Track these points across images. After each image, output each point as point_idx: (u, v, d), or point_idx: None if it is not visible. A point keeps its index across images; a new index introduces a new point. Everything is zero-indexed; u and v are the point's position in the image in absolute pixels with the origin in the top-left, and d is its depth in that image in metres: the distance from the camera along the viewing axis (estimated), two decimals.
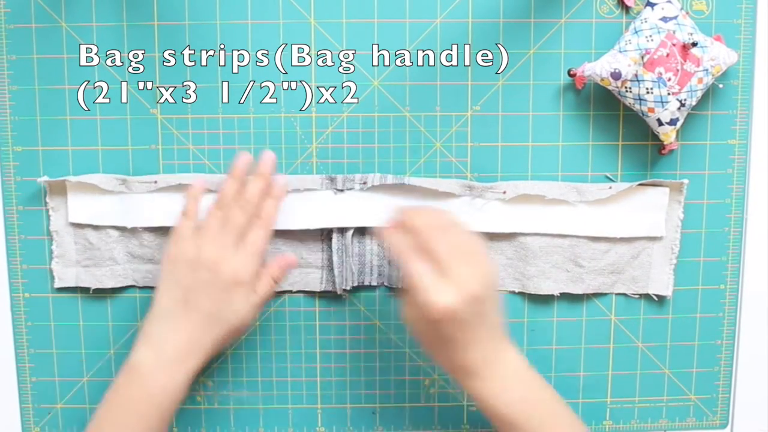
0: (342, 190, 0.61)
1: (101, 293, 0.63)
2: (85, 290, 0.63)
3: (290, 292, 0.63)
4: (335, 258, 0.61)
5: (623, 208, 0.62)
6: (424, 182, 0.61)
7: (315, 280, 0.62)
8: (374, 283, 0.63)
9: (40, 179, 0.61)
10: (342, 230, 0.61)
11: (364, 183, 0.61)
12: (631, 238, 0.62)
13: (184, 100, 0.61)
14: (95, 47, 0.60)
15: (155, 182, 0.61)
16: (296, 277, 0.62)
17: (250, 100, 0.61)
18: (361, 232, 0.62)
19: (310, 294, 0.64)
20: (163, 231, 0.61)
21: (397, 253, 0.52)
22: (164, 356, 0.53)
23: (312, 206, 0.61)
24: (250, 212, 0.56)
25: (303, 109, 0.61)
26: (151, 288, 0.63)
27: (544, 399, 0.54)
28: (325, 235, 0.62)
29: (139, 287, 0.63)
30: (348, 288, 0.62)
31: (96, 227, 0.62)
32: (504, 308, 0.56)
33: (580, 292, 0.63)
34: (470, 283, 0.50)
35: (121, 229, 0.62)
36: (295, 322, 0.64)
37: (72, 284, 0.63)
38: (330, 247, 0.61)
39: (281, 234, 0.62)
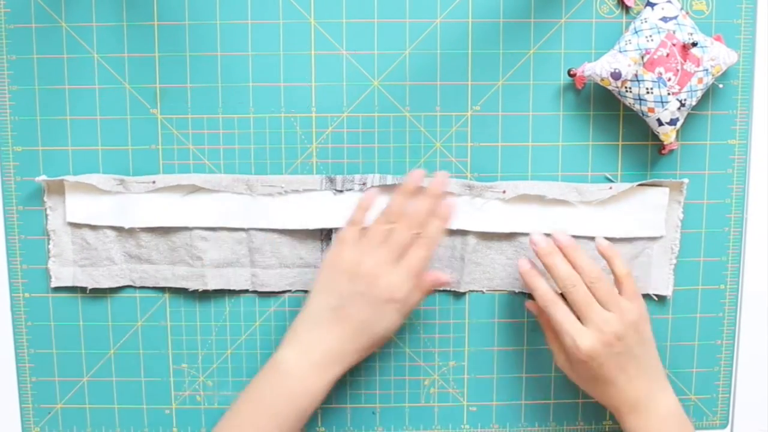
0: (341, 191, 0.61)
1: (101, 293, 0.63)
2: (84, 290, 0.63)
3: (290, 291, 0.63)
4: None
5: (623, 208, 0.62)
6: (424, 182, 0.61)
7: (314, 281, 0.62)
8: None
9: (39, 178, 0.61)
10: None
11: (364, 184, 0.61)
12: (631, 238, 0.62)
13: (184, 100, 0.61)
14: (95, 47, 0.60)
15: (153, 182, 0.61)
16: (295, 277, 0.62)
17: (250, 100, 0.61)
18: None
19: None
20: (160, 231, 0.61)
21: (542, 300, 0.57)
22: (311, 360, 0.55)
23: (311, 206, 0.61)
24: (414, 230, 0.56)
25: (303, 109, 0.61)
26: (149, 288, 0.63)
27: None
28: (324, 235, 0.62)
29: (137, 287, 0.63)
30: None
31: (93, 227, 0.62)
32: (654, 342, 0.58)
33: None
34: (611, 329, 0.55)
35: (119, 229, 0.62)
36: None
37: (69, 284, 0.63)
38: (329, 246, 0.61)
39: (281, 234, 0.62)
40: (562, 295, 0.57)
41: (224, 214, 0.61)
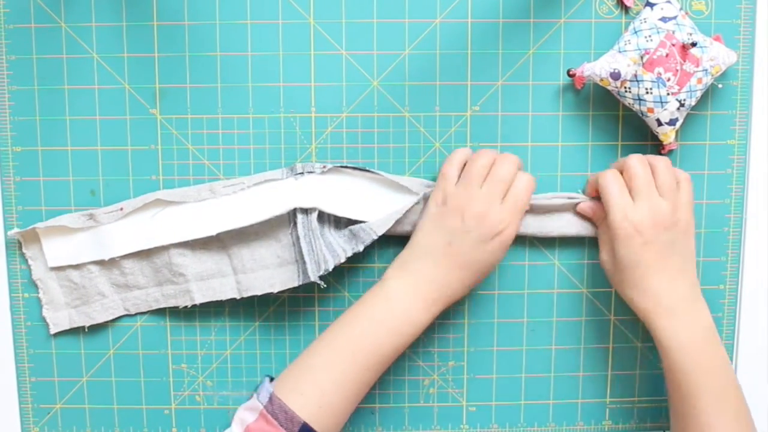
0: (302, 173, 0.61)
1: None
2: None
3: (290, 292, 0.63)
4: (303, 244, 0.59)
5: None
6: (386, 175, 0.61)
7: (292, 278, 0.61)
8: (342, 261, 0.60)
9: (11, 233, 0.61)
10: (306, 213, 0.60)
11: (324, 167, 0.61)
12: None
13: (184, 100, 0.61)
14: (95, 47, 0.61)
15: (121, 209, 0.61)
16: (275, 278, 0.61)
17: (250, 100, 0.61)
18: (325, 219, 0.61)
19: (310, 294, 0.63)
20: (140, 255, 0.61)
21: (602, 177, 0.57)
22: (418, 291, 0.56)
23: (275, 195, 0.61)
24: (514, 167, 0.57)
25: (302, 109, 0.61)
26: (144, 313, 0.63)
27: (714, 361, 0.56)
28: (293, 227, 0.61)
29: (133, 315, 0.63)
30: (322, 273, 0.58)
31: (76, 266, 0.62)
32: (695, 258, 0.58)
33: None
34: (662, 210, 0.55)
35: (100, 262, 0.61)
36: (295, 322, 0.64)
37: (66, 327, 0.63)
38: (298, 234, 0.60)
39: (256, 235, 0.61)
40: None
41: (195, 223, 0.60)
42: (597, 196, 0.60)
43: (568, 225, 0.62)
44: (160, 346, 0.64)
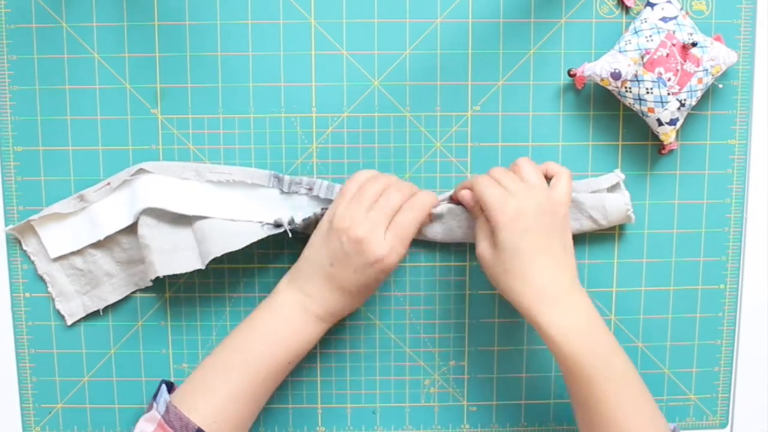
0: (288, 193, 0.61)
1: None
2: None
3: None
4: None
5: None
6: None
7: (258, 233, 0.59)
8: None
9: (8, 229, 0.61)
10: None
11: (310, 189, 0.61)
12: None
13: (185, 100, 0.61)
14: (96, 47, 0.61)
15: (108, 184, 0.61)
16: (239, 237, 0.59)
17: (251, 100, 0.61)
18: None
19: None
20: (134, 228, 0.60)
21: (475, 182, 0.56)
22: (303, 306, 0.57)
23: (256, 201, 0.61)
24: (406, 196, 0.57)
25: (303, 109, 0.62)
26: (138, 290, 0.63)
27: (604, 341, 0.55)
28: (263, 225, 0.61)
29: (142, 289, 0.63)
30: (291, 226, 0.59)
31: (78, 253, 0.62)
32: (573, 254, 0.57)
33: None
34: (539, 195, 0.55)
35: (99, 245, 0.61)
36: None
37: (81, 315, 0.63)
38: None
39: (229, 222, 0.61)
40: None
41: (172, 196, 0.60)
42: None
43: (452, 231, 0.62)
44: (161, 346, 0.64)
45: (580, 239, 0.63)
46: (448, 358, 0.65)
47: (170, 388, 0.60)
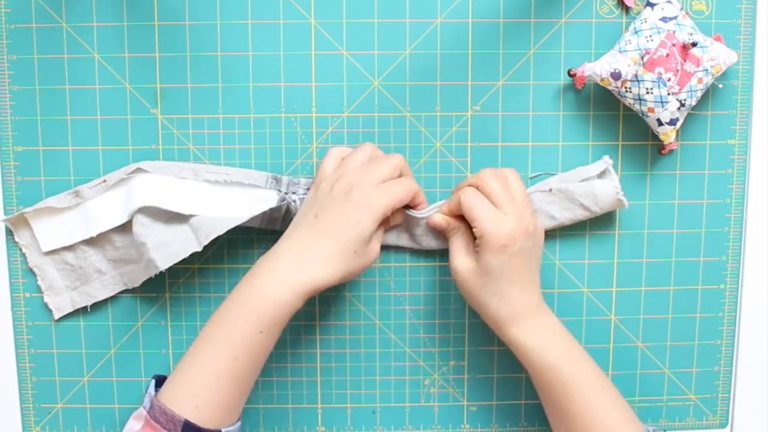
0: (286, 194, 0.61)
1: None
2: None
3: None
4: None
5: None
6: None
7: (261, 206, 0.60)
8: None
9: (1, 219, 0.61)
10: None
11: (308, 189, 0.61)
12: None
13: (185, 100, 0.61)
14: (96, 47, 0.61)
15: (104, 181, 0.60)
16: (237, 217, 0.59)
17: (251, 100, 0.61)
18: None
19: None
20: (128, 228, 0.60)
21: (465, 196, 0.56)
22: (280, 270, 0.54)
23: (254, 202, 0.60)
24: (395, 167, 0.57)
25: (303, 109, 0.62)
26: (139, 290, 0.63)
27: (577, 352, 0.58)
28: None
29: (131, 289, 0.63)
30: (292, 198, 0.59)
31: (70, 248, 0.61)
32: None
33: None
34: (528, 221, 0.56)
35: (91, 241, 0.61)
36: (295, 322, 0.64)
37: (69, 310, 0.62)
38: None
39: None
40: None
41: (169, 195, 0.59)
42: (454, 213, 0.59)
43: (418, 237, 0.62)
44: (161, 346, 0.64)
45: (580, 239, 0.63)
46: (448, 358, 0.65)
47: (158, 383, 0.58)
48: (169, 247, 0.58)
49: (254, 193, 0.61)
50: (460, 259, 0.57)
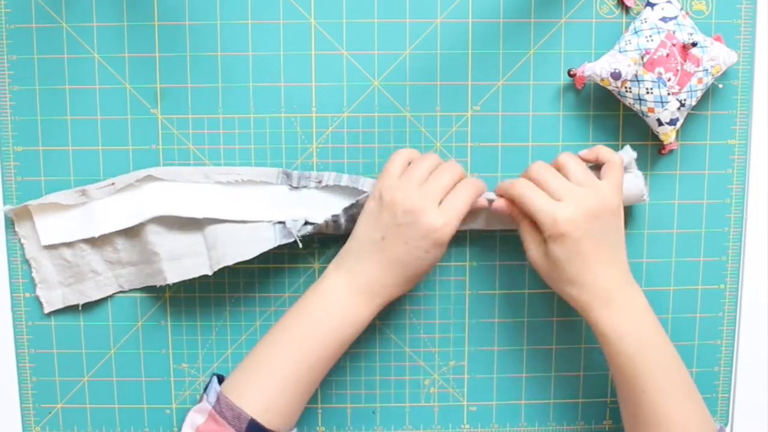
0: (297, 188, 0.61)
1: None
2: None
3: (292, 291, 0.63)
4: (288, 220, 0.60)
5: None
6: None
7: (268, 241, 0.59)
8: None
9: (4, 208, 0.61)
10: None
11: (319, 182, 0.61)
12: None
13: (185, 100, 0.61)
14: (96, 47, 0.61)
15: (113, 184, 0.60)
16: (248, 246, 0.59)
17: (251, 100, 0.61)
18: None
19: None
20: (131, 232, 0.61)
21: (517, 188, 0.56)
22: (354, 288, 0.56)
23: (267, 199, 0.61)
24: (456, 176, 0.57)
25: (303, 109, 0.62)
26: (138, 290, 0.63)
27: (656, 341, 0.56)
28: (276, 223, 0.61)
29: (126, 291, 0.63)
30: (301, 233, 0.59)
31: (69, 244, 0.61)
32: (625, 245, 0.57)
33: None
34: (588, 200, 0.54)
35: (91, 241, 0.61)
36: None
37: (60, 306, 0.62)
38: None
39: (240, 224, 0.61)
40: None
41: (182, 202, 0.60)
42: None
43: (480, 221, 0.62)
44: (161, 346, 0.64)
45: None
46: (448, 358, 0.65)
47: (220, 382, 0.59)
48: (180, 261, 0.60)
49: (266, 190, 0.61)
50: (532, 251, 0.57)
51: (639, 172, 0.60)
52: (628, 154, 0.60)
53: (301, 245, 0.59)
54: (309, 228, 0.59)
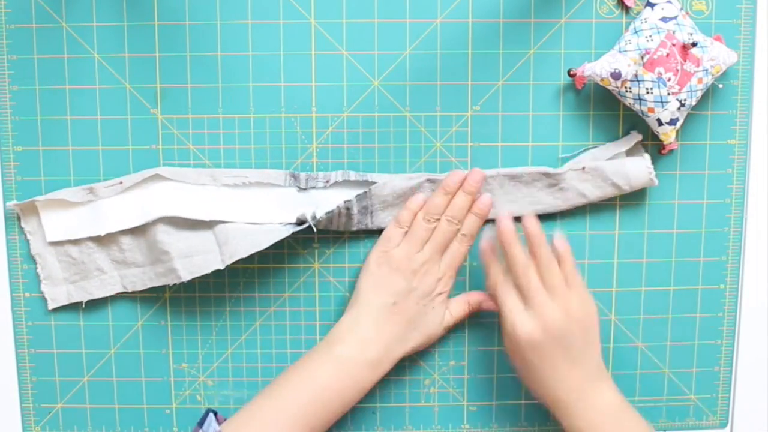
0: (305, 189, 0.61)
1: None
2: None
3: (292, 291, 0.63)
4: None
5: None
6: (387, 178, 0.61)
7: (280, 232, 0.60)
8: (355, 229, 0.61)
9: (10, 204, 0.61)
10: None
11: (327, 181, 0.61)
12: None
13: (185, 100, 0.61)
14: (96, 47, 0.61)
15: (121, 183, 0.60)
16: (260, 238, 0.59)
17: (251, 100, 0.61)
18: None
19: (311, 294, 0.64)
20: (138, 232, 0.61)
21: (492, 281, 0.59)
22: (364, 354, 0.58)
23: (275, 201, 0.61)
24: (455, 226, 0.60)
25: (303, 109, 0.62)
26: (140, 292, 0.63)
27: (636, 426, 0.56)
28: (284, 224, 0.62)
29: (130, 292, 0.63)
30: (315, 218, 0.59)
31: (75, 242, 0.61)
32: (600, 346, 0.58)
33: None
34: (553, 317, 0.56)
35: (98, 239, 0.61)
36: (295, 322, 0.64)
37: (64, 302, 0.62)
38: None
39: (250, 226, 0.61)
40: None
41: (189, 203, 0.60)
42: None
43: (536, 202, 0.62)
44: (160, 346, 0.64)
45: (580, 238, 0.63)
46: (448, 358, 0.65)
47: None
48: (191, 259, 0.60)
49: (274, 192, 0.61)
50: (503, 335, 0.59)
51: (646, 154, 0.61)
52: (635, 136, 0.61)
53: (315, 229, 0.59)
54: (323, 215, 0.59)
